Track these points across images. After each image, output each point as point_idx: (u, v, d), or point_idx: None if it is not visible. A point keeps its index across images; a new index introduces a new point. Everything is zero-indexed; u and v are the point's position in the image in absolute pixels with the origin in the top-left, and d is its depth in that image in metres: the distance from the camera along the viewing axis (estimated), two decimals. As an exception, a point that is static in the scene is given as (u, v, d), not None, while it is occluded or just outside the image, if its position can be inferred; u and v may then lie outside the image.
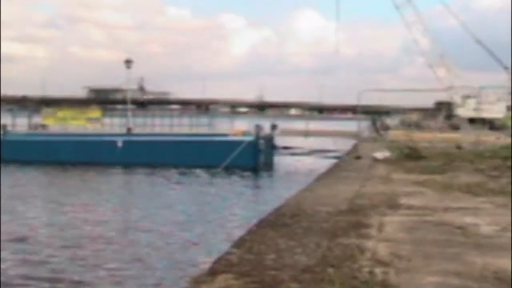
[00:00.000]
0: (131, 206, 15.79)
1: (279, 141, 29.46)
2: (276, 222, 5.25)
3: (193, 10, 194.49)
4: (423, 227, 5.01)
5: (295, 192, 7.61)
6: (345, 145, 24.77)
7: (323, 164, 23.06)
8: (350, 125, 31.38)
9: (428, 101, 46.62)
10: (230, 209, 14.94)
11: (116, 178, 22.62)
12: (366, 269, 3.50)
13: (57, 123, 30.45)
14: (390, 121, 36.33)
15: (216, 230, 12.12)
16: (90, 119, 30.71)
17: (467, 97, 41.11)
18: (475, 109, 38.96)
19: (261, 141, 27.17)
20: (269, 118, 42.25)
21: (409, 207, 6.19)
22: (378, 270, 3.47)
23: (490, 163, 12.17)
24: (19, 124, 29.70)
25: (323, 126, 34.52)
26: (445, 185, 8.36)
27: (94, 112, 32.24)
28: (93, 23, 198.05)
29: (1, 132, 27.54)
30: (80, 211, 14.29)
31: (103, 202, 15.90)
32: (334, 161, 17.00)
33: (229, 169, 23.88)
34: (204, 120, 32.72)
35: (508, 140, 19.88)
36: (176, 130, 30.61)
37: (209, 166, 24.63)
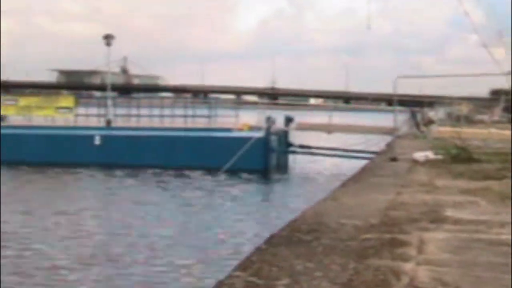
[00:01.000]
0: (112, 217, 15.27)
1: (296, 137, 28.44)
2: (290, 238, 5.32)
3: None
4: (474, 247, 5.01)
5: (314, 201, 7.70)
6: (378, 143, 24.63)
7: (350, 166, 22.76)
8: (384, 118, 31.08)
9: (482, 89, 47.36)
10: (234, 221, 14.72)
11: (92, 183, 21.87)
12: (403, 298, 4.42)
13: (19, 114, 29.40)
14: (434, 114, 35.81)
15: (217, 247, 12.02)
16: (60, 109, 29.48)
17: (532, 84, 52.86)
18: (542, 99, 49.83)
19: (273, 138, 26.66)
20: (283, 109, 42.23)
21: (457, 222, 6.21)
22: (417, 300, 4.39)
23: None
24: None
25: (350, 119, 34.06)
26: (503, 194, 8.43)
27: (66, 100, 31.07)
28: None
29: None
30: (47, 223, 14.01)
31: (76, 213, 15.57)
32: (363, 163, 16.89)
33: (233, 172, 23.39)
34: (202, 111, 32.09)
35: None
36: (167, 123, 29.73)
37: (208, 168, 24.08)
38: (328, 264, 4.17)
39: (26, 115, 28.87)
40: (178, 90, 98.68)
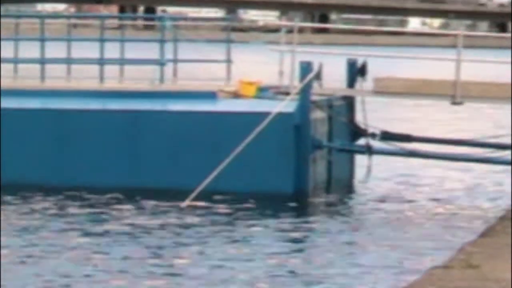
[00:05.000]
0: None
1: (373, 114, 29.17)
2: None
3: None
4: None
5: (420, 269, 7.24)
6: None
7: (505, 185, 23.90)
8: None
9: None
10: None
11: None
12: None
13: None
14: None
15: None
16: None
17: None
18: None
19: (317, 115, 26.96)
20: (340, 44, 39.74)
21: None
22: None
23: None
24: None
25: (507, 69, 32.09)
26: None
27: None
28: None
29: None
30: None
31: None
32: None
33: (219, 199, 24.61)
34: (145, 48, 33.17)
35: None
36: (59, 80, 31.40)
37: (159, 189, 25.64)
38: None
39: None
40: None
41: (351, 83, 27.91)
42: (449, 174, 28.23)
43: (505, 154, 26.25)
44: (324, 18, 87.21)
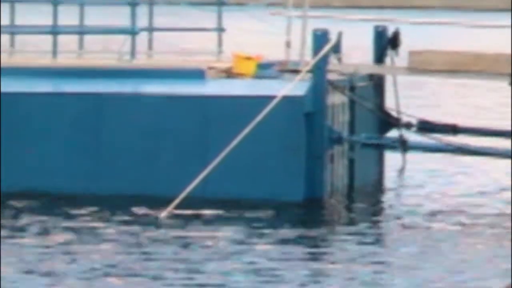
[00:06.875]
0: None
1: (407, 102, 30.13)
2: None
3: None
4: None
5: None
6: None
7: None
8: None
9: None
10: None
11: None
12: None
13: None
14: None
15: None
16: None
17: None
18: None
19: (336, 99, 27.71)
20: (366, 9, 41.48)
21: None
22: None
23: None
24: None
25: None
26: None
27: None
28: None
29: None
30: None
31: None
32: None
33: (213, 207, 25.10)
34: (116, 10, 35.40)
35: None
36: (11, 56, 33.22)
37: (139, 198, 26.20)
38: None
39: None
40: None
41: (379, 58, 28.03)
42: (509, 177, 27.42)
43: None
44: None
